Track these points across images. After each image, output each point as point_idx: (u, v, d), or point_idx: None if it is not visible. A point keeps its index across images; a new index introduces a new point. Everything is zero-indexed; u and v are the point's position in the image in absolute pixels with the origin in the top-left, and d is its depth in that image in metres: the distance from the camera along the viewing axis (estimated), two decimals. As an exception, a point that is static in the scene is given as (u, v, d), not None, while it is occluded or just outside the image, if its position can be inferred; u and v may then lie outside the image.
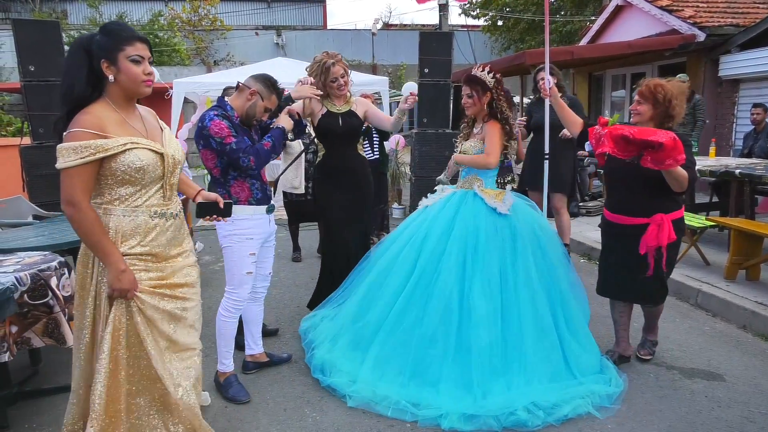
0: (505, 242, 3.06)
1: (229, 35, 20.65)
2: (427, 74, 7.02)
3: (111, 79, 1.94)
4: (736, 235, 4.46)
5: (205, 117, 2.79)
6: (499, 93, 3.27)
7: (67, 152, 1.85)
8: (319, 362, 3.15)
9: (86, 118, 1.89)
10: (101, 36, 1.95)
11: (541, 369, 2.88)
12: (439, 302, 2.95)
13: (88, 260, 2.04)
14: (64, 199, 1.90)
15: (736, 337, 3.74)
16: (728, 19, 9.05)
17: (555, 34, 17.65)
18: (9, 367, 2.89)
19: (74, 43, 1.96)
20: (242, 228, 2.88)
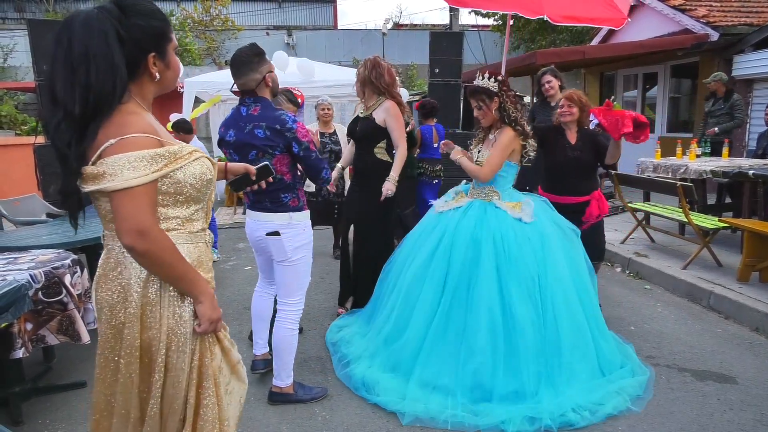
0: (535, 247, 3.02)
1: (240, 35, 20.74)
2: (437, 74, 7.01)
3: (156, 78, 1.51)
4: (749, 236, 4.42)
5: (286, 119, 2.60)
6: (507, 95, 3.18)
7: (134, 165, 1.37)
8: (359, 379, 3.06)
9: (136, 119, 1.43)
10: (143, 19, 1.45)
11: (579, 368, 2.92)
12: (483, 311, 2.89)
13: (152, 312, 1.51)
14: (131, 229, 1.38)
15: (748, 340, 3.71)
16: (742, 18, 8.96)
17: (566, 33, 17.56)
18: (23, 364, 2.93)
19: (88, 21, 1.38)
20: (311, 235, 2.82)
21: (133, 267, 1.50)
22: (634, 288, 4.86)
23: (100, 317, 1.57)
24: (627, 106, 11.49)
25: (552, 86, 4.92)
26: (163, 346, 1.50)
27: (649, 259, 5.30)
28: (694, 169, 5.53)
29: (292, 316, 2.84)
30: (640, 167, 6.47)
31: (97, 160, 1.38)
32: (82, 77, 1.35)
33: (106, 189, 1.37)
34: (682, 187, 4.80)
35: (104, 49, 1.37)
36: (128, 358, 1.51)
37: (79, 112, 1.36)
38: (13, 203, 5.12)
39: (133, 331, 1.50)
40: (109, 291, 1.52)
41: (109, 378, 1.57)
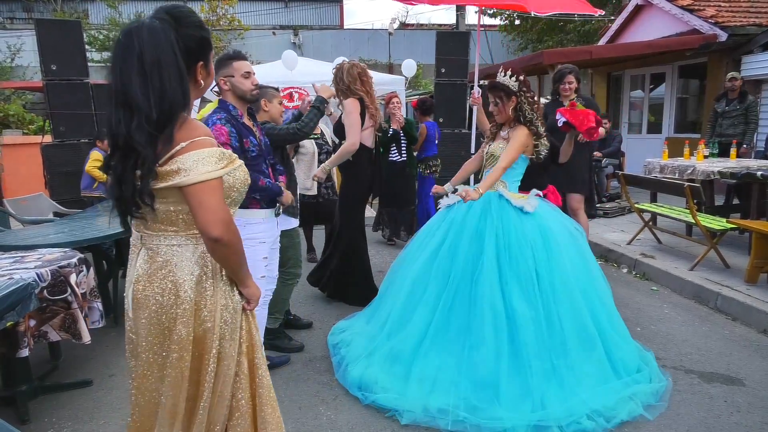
0: (536, 242, 3.01)
1: (246, 35, 20.79)
2: (444, 74, 7.00)
3: (201, 84, 1.61)
4: (757, 238, 4.38)
5: (208, 121, 2.69)
6: (525, 96, 3.19)
7: (206, 160, 1.48)
8: (356, 379, 3.03)
9: (198, 124, 1.56)
10: (194, 29, 1.56)
11: (587, 369, 2.86)
12: (486, 305, 2.88)
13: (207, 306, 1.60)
14: (218, 220, 1.47)
15: (756, 342, 3.68)
16: (751, 18, 8.89)
17: (573, 34, 17.50)
18: (30, 362, 2.94)
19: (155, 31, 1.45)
20: (255, 232, 2.84)
21: (184, 265, 1.57)
22: (640, 289, 4.83)
23: (138, 316, 1.60)
24: (633, 106, 11.45)
25: (572, 87, 4.89)
26: (217, 337, 1.59)
27: (656, 260, 5.27)
28: (702, 170, 5.49)
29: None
30: (648, 168, 6.44)
31: (168, 160, 1.47)
32: (156, 83, 1.43)
33: (182, 183, 1.46)
34: (689, 188, 4.77)
35: (173, 58, 1.46)
36: (181, 352, 1.57)
37: (157, 117, 1.43)
38: (21, 202, 5.15)
39: (188, 326, 1.56)
40: (159, 289, 1.57)
41: (155, 374, 1.61)
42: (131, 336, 1.66)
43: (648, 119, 11.04)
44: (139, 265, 1.61)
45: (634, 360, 3.07)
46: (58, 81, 5.73)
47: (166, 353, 1.59)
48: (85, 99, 5.93)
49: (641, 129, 11.17)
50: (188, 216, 1.55)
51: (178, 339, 1.56)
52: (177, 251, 1.58)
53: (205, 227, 1.47)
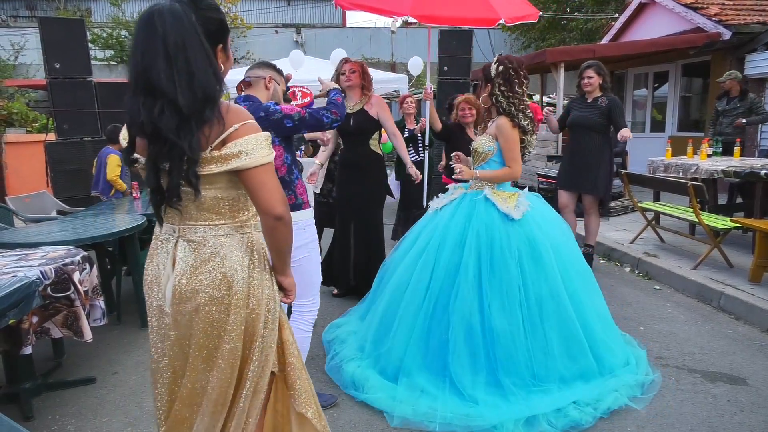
0: (521, 252, 2.89)
1: (249, 33, 20.79)
2: (446, 72, 7.01)
3: (221, 68, 1.56)
4: (761, 237, 4.37)
5: (267, 106, 2.59)
6: (500, 85, 3.02)
7: (262, 144, 1.50)
8: (349, 377, 3.03)
9: (243, 109, 1.55)
10: (213, 12, 1.53)
11: (569, 374, 2.83)
12: (461, 323, 2.82)
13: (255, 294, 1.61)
14: (280, 199, 1.52)
15: (759, 341, 3.67)
16: (755, 17, 8.86)
17: (576, 32, 17.45)
18: (33, 359, 2.96)
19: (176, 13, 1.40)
20: (313, 233, 2.74)
21: (234, 255, 1.56)
22: (643, 288, 4.83)
23: (182, 310, 1.56)
24: (636, 105, 11.43)
25: (592, 82, 4.84)
26: (263, 326, 1.61)
27: (659, 259, 5.26)
28: (705, 169, 5.47)
29: (307, 317, 2.77)
30: (651, 166, 6.42)
31: (222, 144, 1.46)
32: (182, 66, 1.39)
33: (244, 166, 1.46)
34: (692, 187, 4.76)
35: (198, 41, 1.42)
36: (234, 343, 1.57)
37: (185, 101, 1.39)
38: (24, 200, 5.16)
39: (240, 315, 1.56)
40: (208, 281, 1.54)
41: (200, 367, 1.59)
42: (170, 333, 1.60)
43: (652, 117, 11.02)
44: (180, 258, 1.56)
45: (621, 357, 3.07)
46: (61, 79, 5.75)
47: (216, 345, 1.56)
48: (88, 97, 5.95)
49: (644, 128, 11.15)
50: (233, 203, 1.56)
51: (231, 329, 1.55)
52: (225, 241, 1.56)
53: (270, 206, 1.50)
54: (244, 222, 1.60)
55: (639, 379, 2.96)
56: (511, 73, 3.02)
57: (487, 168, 3.16)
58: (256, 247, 1.62)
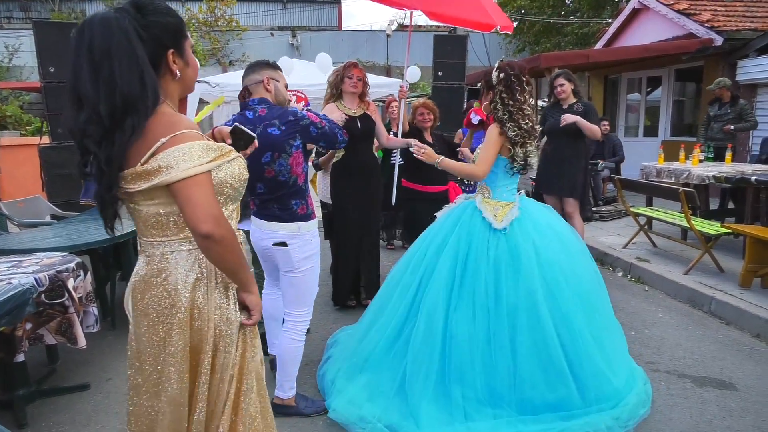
0: (499, 261, 2.77)
1: (244, 36, 20.79)
2: (441, 77, 7.04)
3: (177, 76, 1.50)
4: (751, 242, 4.42)
5: (295, 111, 2.61)
6: (501, 93, 2.92)
7: (188, 155, 1.38)
8: (328, 382, 3.05)
9: (181, 118, 1.45)
10: (160, 16, 1.46)
11: (540, 399, 2.62)
12: (426, 324, 2.75)
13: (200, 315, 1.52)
14: (208, 216, 1.38)
15: (749, 346, 3.71)
16: (746, 23, 8.95)
17: (571, 36, 17.55)
18: (27, 366, 2.96)
19: (106, 20, 1.36)
20: (318, 244, 2.75)
21: (179, 272, 1.51)
22: (635, 293, 4.87)
23: (139, 324, 1.54)
24: (630, 109, 11.50)
25: (564, 89, 5.01)
26: (210, 349, 1.52)
27: (651, 263, 5.30)
28: (697, 174, 5.53)
29: (299, 327, 2.79)
30: (644, 172, 6.47)
31: (149, 159, 1.38)
32: (105, 74, 1.34)
33: (165, 182, 1.37)
34: (684, 192, 4.81)
35: (126, 45, 1.35)
36: (179, 365, 1.50)
37: (105, 110, 1.34)
38: (18, 205, 5.15)
39: (184, 336, 1.50)
40: (156, 297, 1.51)
41: (151, 390, 1.54)
42: (132, 344, 1.59)
43: (644, 122, 11.09)
44: (136, 271, 1.56)
45: (616, 393, 2.74)
46: (56, 83, 5.74)
47: (162, 366, 1.51)
48: (83, 101, 5.94)
49: (638, 132, 11.22)
50: (179, 218, 1.47)
51: (174, 351, 1.50)
52: (171, 258, 1.51)
53: (194, 224, 1.38)
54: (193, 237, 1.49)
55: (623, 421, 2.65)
56: (513, 80, 2.93)
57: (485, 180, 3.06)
58: (205, 264, 1.53)
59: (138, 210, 1.48)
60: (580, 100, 5.08)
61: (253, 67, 2.73)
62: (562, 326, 2.68)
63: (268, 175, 2.59)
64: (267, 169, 2.57)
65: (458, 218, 3.00)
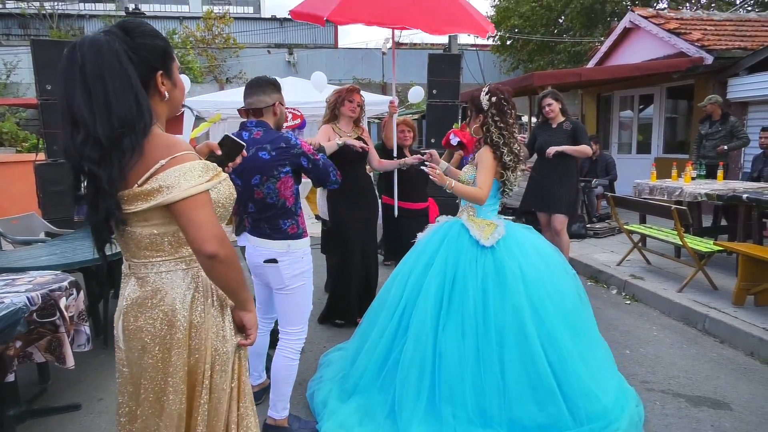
0: (486, 278, 2.77)
1: (241, 53, 20.96)
2: (435, 95, 7.09)
3: (166, 96, 1.53)
4: (744, 260, 4.44)
5: (290, 137, 2.61)
6: (493, 118, 2.96)
7: (188, 174, 1.40)
8: (320, 402, 3.02)
9: (177, 139, 1.48)
10: (148, 39, 1.48)
11: (530, 419, 2.59)
12: (415, 345, 2.72)
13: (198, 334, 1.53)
14: (212, 236, 1.40)
15: (743, 365, 3.71)
16: (736, 42, 9.09)
17: (564, 54, 17.77)
18: (18, 385, 2.93)
19: (96, 43, 1.38)
20: (310, 262, 2.76)
21: (176, 291, 1.50)
22: (630, 311, 4.87)
23: (131, 348, 1.53)
24: (623, 126, 11.61)
25: (552, 109, 5.11)
26: (209, 368, 1.52)
27: (645, 281, 5.31)
28: (689, 192, 5.57)
29: (293, 346, 2.78)
30: (637, 189, 6.52)
31: (148, 180, 1.40)
32: (100, 96, 1.35)
33: (168, 201, 1.38)
34: (676, 210, 4.84)
35: (118, 68, 1.37)
36: (178, 386, 1.50)
37: (103, 132, 1.35)
38: (12, 222, 5.14)
39: (182, 356, 1.49)
40: (151, 319, 1.50)
41: (148, 412, 1.53)
42: (123, 369, 1.57)
43: (637, 139, 11.19)
44: (127, 294, 1.54)
45: (606, 413, 2.70)
46: (53, 101, 5.76)
47: (160, 388, 1.50)
48: (79, 119, 5.96)
49: (631, 149, 11.32)
50: (174, 238, 1.48)
51: (173, 371, 1.49)
52: (166, 278, 1.50)
53: (199, 245, 1.39)
54: (189, 256, 1.52)
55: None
56: (503, 104, 2.98)
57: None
58: (201, 283, 1.54)
59: (131, 231, 1.48)
60: (568, 119, 5.16)
61: (262, 87, 2.72)
62: (548, 344, 2.67)
63: (257, 196, 2.62)
64: (256, 190, 2.61)
65: (444, 236, 2.99)
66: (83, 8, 23.44)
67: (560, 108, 5.11)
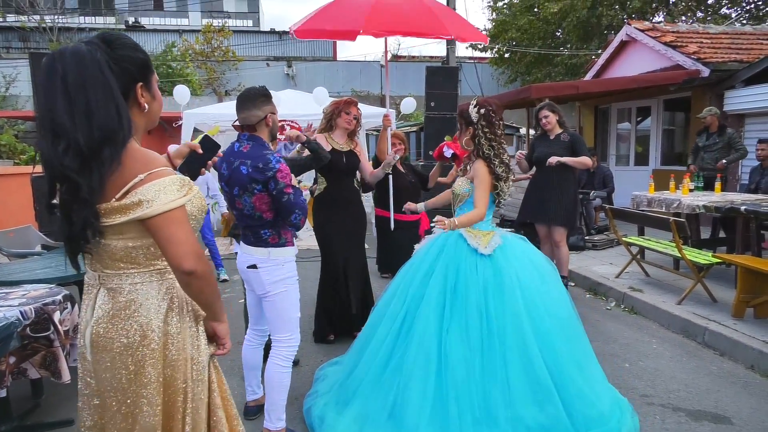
0: (487, 283, 2.84)
1: (240, 66, 21.07)
2: (433, 107, 7.12)
3: (145, 108, 1.55)
4: (743, 272, 4.42)
5: (270, 159, 2.60)
6: (483, 130, 3.03)
7: (167, 189, 1.41)
8: (316, 417, 2.99)
9: (155, 154, 1.49)
10: (129, 51, 1.50)
11: (534, 422, 2.63)
12: (418, 348, 2.76)
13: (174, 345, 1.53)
14: (190, 252, 1.42)
15: (743, 378, 3.68)
16: (732, 55, 9.14)
17: (561, 67, 17.88)
18: (10, 400, 2.89)
19: (78, 52, 1.38)
20: (293, 270, 2.81)
21: (150, 302, 1.50)
22: (629, 323, 4.84)
23: (100, 360, 1.50)
24: (621, 138, 11.64)
25: (549, 121, 5.13)
26: (185, 378, 1.53)
27: (644, 293, 5.29)
28: (687, 204, 5.56)
29: (284, 353, 2.80)
30: (635, 201, 6.52)
31: (126, 194, 1.40)
32: (81, 106, 1.35)
33: (146, 215, 1.39)
34: (674, 223, 4.83)
35: (101, 78, 1.38)
36: (153, 398, 1.49)
37: (84, 141, 1.35)
38: (8, 234, 5.12)
39: (157, 368, 1.49)
40: (124, 331, 1.48)
41: (121, 424, 1.50)
42: (89, 381, 1.54)
43: (635, 150, 11.22)
44: (98, 306, 1.51)
45: (602, 417, 2.76)
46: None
47: (133, 400, 1.48)
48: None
49: (628, 161, 11.34)
50: (148, 251, 1.48)
51: (147, 382, 1.48)
52: (141, 289, 1.50)
53: (178, 262, 1.41)
54: (163, 268, 1.52)
55: None
56: (492, 115, 3.06)
57: (465, 208, 3.17)
58: (176, 294, 1.54)
59: (105, 244, 1.47)
60: (566, 131, 5.18)
61: (252, 100, 2.73)
62: (544, 347, 2.75)
63: (238, 206, 2.73)
64: (237, 200, 2.71)
65: (442, 247, 3.05)
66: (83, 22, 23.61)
67: (557, 120, 5.14)
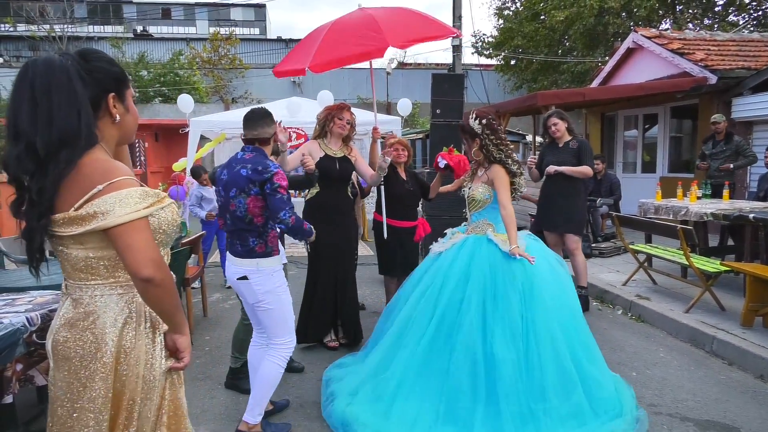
0: (524, 287, 3.04)
1: (247, 73, 21.20)
2: (439, 115, 7.11)
3: (116, 119, 1.53)
4: (751, 281, 4.38)
5: (269, 164, 2.82)
6: (489, 138, 3.28)
7: (125, 201, 1.39)
8: (339, 416, 3.03)
9: (118, 165, 1.46)
10: (104, 64, 1.52)
11: (564, 410, 2.85)
12: (465, 353, 2.90)
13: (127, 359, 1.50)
14: (148, 260, 1.40)
15: (752, 387, 3.63)
16: (739, 62, 9.11)
17: (567, 74, 17.87)
18: (16, 407, 2.89)
19: (50, 60, 1.42)
20: (282, 277, 2.92)
21: (107, 315, 1.49)
22: (636, 331, 4.80)
23: (59, 368, 1.51)
24: (628, 146, 11.60)
25: (558, 128, 5.12)
26: (134, 395, 1.51)
27: (652, 301, 5.25)
28: (695, 212, 5.52)
29: (283, 353, 2.93)
30: (642, 208, 6.48)
31: (83, 204, 1.39)
32: (44, 109, 1.37)
33: (101, 227, 1.38)
34: (682, 230, 4.80)
35: (66, 83, 1.39)
36: (100, 412, 1.47)
37: (41, 143, 1.35)
38: (15, 240, 5.14)
39: (107, 381, 1.47)
40: (80, 341, 1.48)
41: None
42: (53, 389, 1.53)
43: (643, 158, 11.18)
44: (62, 314, 1.52)
45: (612, 398, 3.08)
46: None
47: (79, 414, 1.47)
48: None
49: (636, 168, 11.29)
50: (110, 263, 1.48)
51: (95, 396, 1.46)
52: (100, 301, 1.49)
53: (135, 269, 1.39)
54: (125, 282, 1.51)
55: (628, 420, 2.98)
56: (493, 123, 3.30)
57: (484, 213, 3.38)
58: (135, 308, 1.52)
59: (67, 253, 1.47)
60: (575, 138, 5.16)
61: (263, 118, 2.98)
62: (567, 340, 2.99)
63: (231, 208, 2.85)
64: (232, 202, 2.84)
65: (473, 252, 3.20)
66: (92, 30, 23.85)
67: (566, 127, 5.13)
